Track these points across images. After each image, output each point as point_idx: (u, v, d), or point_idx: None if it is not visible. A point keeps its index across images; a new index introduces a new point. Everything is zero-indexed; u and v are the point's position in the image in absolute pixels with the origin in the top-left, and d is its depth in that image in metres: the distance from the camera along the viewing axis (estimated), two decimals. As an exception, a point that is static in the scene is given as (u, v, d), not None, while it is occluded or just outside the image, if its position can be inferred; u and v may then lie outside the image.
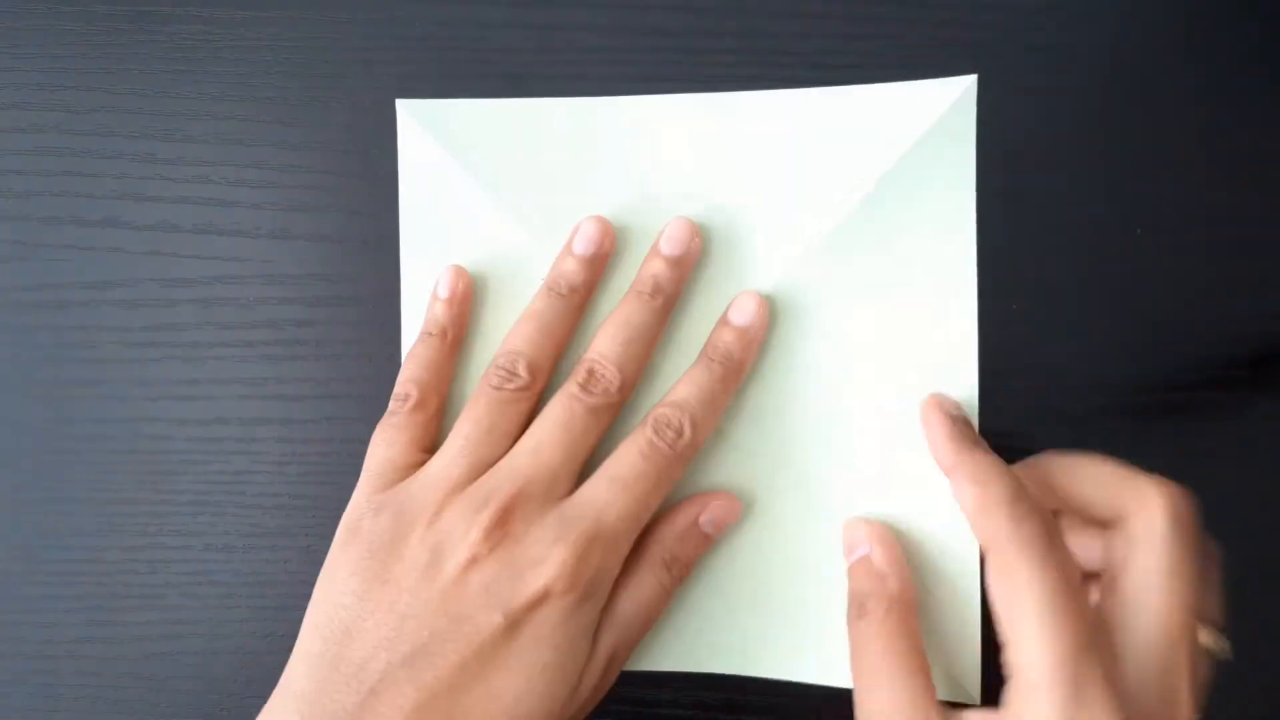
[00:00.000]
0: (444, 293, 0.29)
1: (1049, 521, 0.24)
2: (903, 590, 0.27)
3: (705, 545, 0.29)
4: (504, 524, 0.26)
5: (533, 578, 0.25)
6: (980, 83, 0.32)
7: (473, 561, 0.25)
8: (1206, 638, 0.25)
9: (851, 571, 0.28)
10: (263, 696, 0.31)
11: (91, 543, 0.31)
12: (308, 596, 0.31)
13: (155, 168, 0.32)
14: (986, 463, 0.25)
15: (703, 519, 0.28)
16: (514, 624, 0.25)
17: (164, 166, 0.32)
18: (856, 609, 0.27)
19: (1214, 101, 0.32)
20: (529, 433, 0.27)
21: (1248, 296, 0.31)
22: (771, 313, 0.29)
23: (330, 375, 0.31)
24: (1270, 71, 0.32)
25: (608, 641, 0.27)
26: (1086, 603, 0.24)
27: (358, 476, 0.31)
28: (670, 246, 0.29)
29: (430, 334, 0.29)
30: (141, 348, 0.31)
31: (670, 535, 0.28)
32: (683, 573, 0.29)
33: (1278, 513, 0.32)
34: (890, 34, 0.31)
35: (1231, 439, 0.31)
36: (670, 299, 0.29)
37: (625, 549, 0.27)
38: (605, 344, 0.28)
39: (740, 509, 0.29)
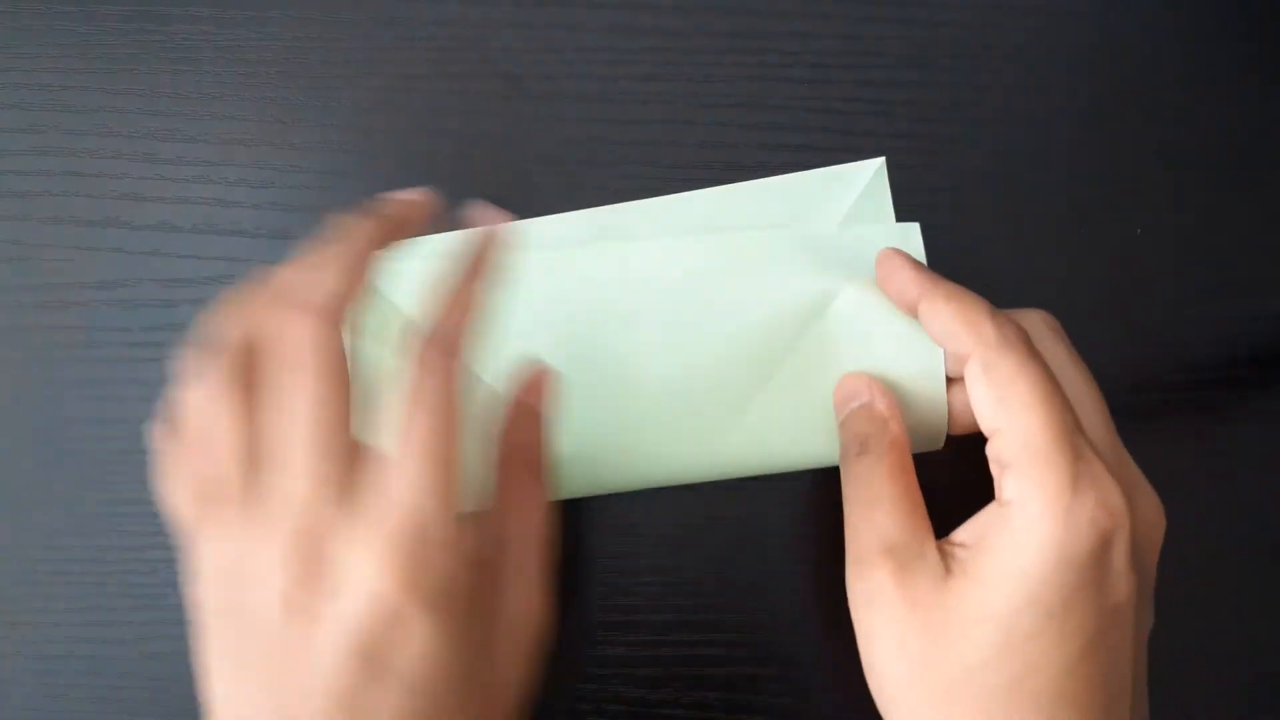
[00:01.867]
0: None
1: (1020, 330, 0.24)
2: (902, 434, 0.27)
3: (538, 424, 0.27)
4: None
5: None
6: (981, 82, 0.32)
7: None
8: None
9: (850, 417, 0.28)
10: (263, 696, 0.31)
11: (91, 543, 0.31)
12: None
13: (155, 168, 0.32)
14: (958, 286, 0.25)
15: (520, 395, 0.27)
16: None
17: (164, 166, 0.32)
18: (858, 447, 0.27)
19: (1214, 102, 0.32)
20: None
21: (1248, 296, 0.31)
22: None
23: (330, 375, 0.31)
24: (1270, 73, 0.32)
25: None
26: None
27: (358, 476, 0.31)
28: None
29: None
30: (141, 348, 0.31)
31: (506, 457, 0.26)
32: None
33: (1278, 512, 0.32)
34: (890, 35, 0.32)
35: (1231, 439, 0.31)
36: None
37: None
38: None
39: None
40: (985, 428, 0.24)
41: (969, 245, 0.31)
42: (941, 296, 0.25)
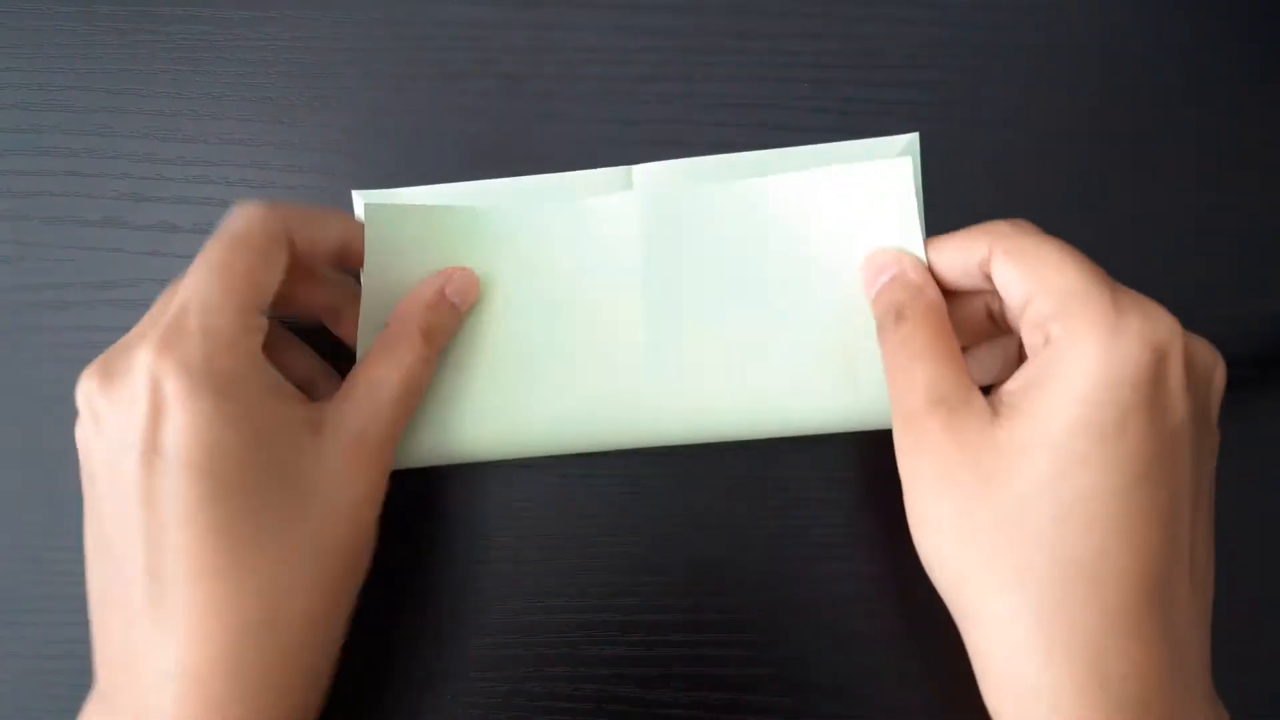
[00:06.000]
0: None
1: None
2: (938, 299, 0.27)
3: (455, 317, 0.29)
4: None
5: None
6: (982, 82, 0.32)
7: None
8: None
9: (883, 289, 0.28)
10: (262, 696, 0.31)
11: (91, 543, 0.31)
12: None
13: (155, 168, 0.32)
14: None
15: (449, 290, 0.28)
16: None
17: (164, 166, 0.32)
18: (894, 317, 0.27)
19: (1214, 101, 0.32)
20: None
21: (1248, 296, 0.31)
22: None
23: (330, 375, 0.31)
24: (1272, 73, 0.32)
25: (355, 419, 0.25)
26: None
27: (357, 476, 0.31)
28: None
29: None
30: (141, 348, 0.31)
31: (420, 306, 0.28)
32: (440, 340, 0.28)
33: (1278, 512, 0.31)
34: (890, 35, 0.32)
35: (1232, 439, 0.31)
36: None
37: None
38: None
39: (478, 287, 0.29)
40: (1019, 301, 0.24)
41: (969, 245, 0.31)
42: (945, 237, 0.27)
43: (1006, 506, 0.22)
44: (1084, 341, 0.22)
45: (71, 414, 0.31)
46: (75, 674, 0.31)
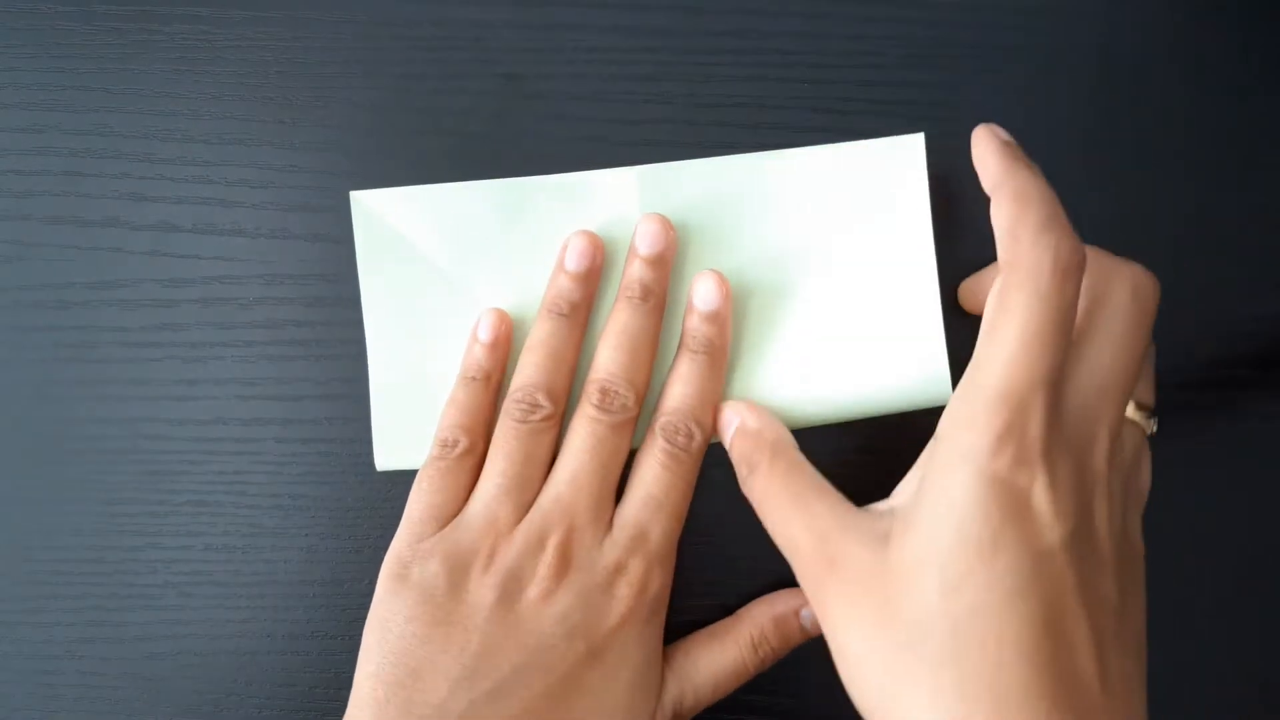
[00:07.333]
0: (485, 336, 0.29)
1: (1070, 256, 0.22)
2: (778, 435, 0.28)
3: (799, 639, 0.29)
4: (565, 558, 0.27)
5: (611, 608, 0.26)
6: (982, 82, 0.32)
7: (545, 595, 0.26)
8: (1135, 413, 0.26)
9: (732, 445, 0.29)
10: (263, 696, 0.31)
11: (91, 543, 0.31)
12: (308, 596, 0.31)
13: (155, 168, 0.32)
14: (1033, 182, 0.23)
15: (804, 613, 0.29)
16: (596, 651, 0.26)
17: (164, 166, 0.32)
18: (746, 469, 0.28)
19: (1213, 101, 0.32)
20: (561, 463, 0.28)
21: (1248, 297, 0.31)
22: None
23: (330, 375, 0.31)
24: (1272, 72, 0.32)
25: (676, 687, 0.28)
26: (1064, 346, 0.22)
27: (357, 476, 0.31)
28: (647, 246, 0.29)
29: (473, 379, 0.29)
30: (141, 348, 0.31)
31: (767, 617, 0.29)
32: (768, 658, 0.29)
33: (1278, 513, 0.32)
34: (888, 35, 0.32)
35: (1232, 439, 0.31)
36: (659, 298, 0.29)
37: (673, 561, 0.29)
38: (609, 359, 0.28)
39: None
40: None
41: (969, 245, 0.31)
42: (1008, 195, 0.23)
43: (906, 632, 0.22)
44: (960, 457, 0.22)
45: (71, 414, 0.32)
46: (76, 674, 0.31)
